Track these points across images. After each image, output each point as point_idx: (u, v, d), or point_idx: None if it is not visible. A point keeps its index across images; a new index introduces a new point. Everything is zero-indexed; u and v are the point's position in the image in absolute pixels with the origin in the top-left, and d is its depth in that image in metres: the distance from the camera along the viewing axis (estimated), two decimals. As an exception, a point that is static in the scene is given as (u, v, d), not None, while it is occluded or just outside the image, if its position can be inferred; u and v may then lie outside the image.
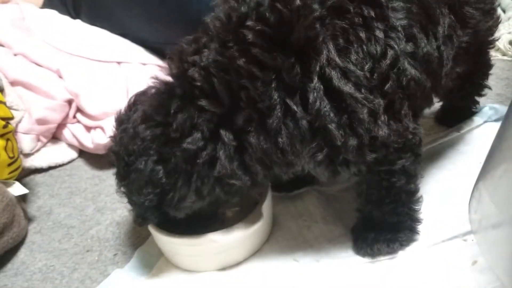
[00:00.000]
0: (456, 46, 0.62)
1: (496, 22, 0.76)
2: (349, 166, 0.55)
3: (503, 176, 0.45)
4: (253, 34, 0.50)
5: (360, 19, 0.52)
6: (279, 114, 0.50)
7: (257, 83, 0.50)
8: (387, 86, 0.52)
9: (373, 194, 0.62)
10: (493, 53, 1.11)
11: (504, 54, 1.15)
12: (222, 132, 0.53)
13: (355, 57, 0.51)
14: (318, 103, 0.50)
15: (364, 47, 0.51)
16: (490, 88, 0.88)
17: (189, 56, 0.55)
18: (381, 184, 0.60)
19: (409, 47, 0.54)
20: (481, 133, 0.85)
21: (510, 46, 1.15)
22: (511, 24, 1.19)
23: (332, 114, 0.50)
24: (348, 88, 0.50)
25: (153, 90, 0.59)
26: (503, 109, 0.87)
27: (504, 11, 1.29)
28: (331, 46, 0.50)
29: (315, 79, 0.50)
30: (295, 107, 0.50)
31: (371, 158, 0.54)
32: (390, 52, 0.52)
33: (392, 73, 0.53)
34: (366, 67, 0.51)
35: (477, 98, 0.89)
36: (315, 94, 0.50)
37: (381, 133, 0.52)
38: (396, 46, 0.53)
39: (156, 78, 0.59)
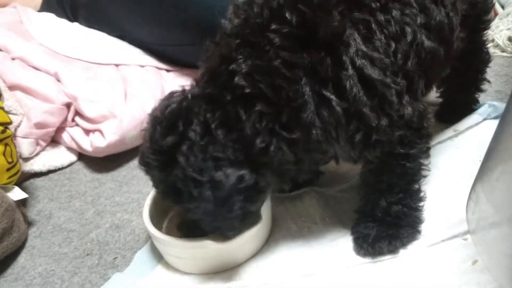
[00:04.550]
0: (460, 12, 0.66)
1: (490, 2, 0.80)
2: (376, 147, 0.59)
3: (500, 177, 0.45)
4: (280, 37, 0.53)
5: (378, 3, 0.55)
6: (312, 108, 0.53)
7: (289, 82, 0.53)
8: (409, 64, 0.57)
9: (384, 181, 0.64)
10: (492, 50, 1.11)
11: (503, 51, 1.15)
12: (278, 129, 0.55)
13: (379, 44, 0.54)
14: (354, 90, 0.53)
15: (385, 30, 0.55)
16: (488, 81, 0.88)
17: (225, 64, 0.55)
18: (395, 170, 0.62)
19: (423, 19, 0.58)
20: (480, 131, 0.85)
21: (509, 43, 1.14)
22: (510, 20, 1.18)
23: (365, 99, 0.54)
24: (377, 74, 0.54)
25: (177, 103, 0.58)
26: (502, 107, 0.87)
27: (503, 7, 1.29)
28: (357, 37, 0.53)
29: (350, 68, 0.53)
30: (331, 96, 0.53)
31: (397, 136, 0.58)
32: (409, 30, 0.56)
33: (412, 50, 0.57)
34: (390, 50, 0.55)
35: (476, 94, 0.88)
36: (351, 82, 0.53)
37: (407, 112, 0.57)
38: (412, 22, 0.56)
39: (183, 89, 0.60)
